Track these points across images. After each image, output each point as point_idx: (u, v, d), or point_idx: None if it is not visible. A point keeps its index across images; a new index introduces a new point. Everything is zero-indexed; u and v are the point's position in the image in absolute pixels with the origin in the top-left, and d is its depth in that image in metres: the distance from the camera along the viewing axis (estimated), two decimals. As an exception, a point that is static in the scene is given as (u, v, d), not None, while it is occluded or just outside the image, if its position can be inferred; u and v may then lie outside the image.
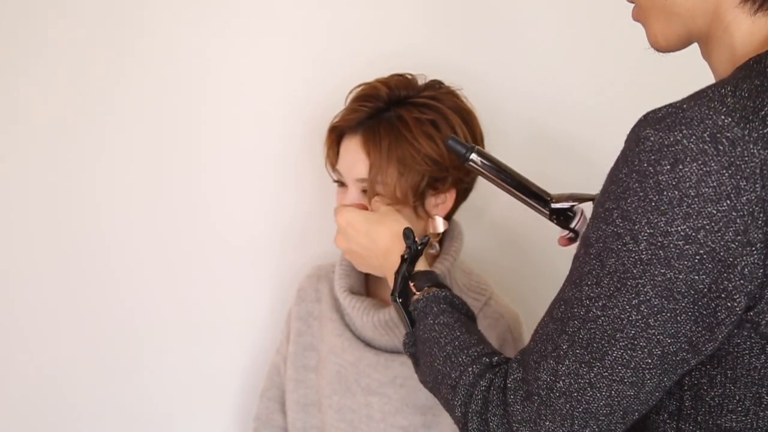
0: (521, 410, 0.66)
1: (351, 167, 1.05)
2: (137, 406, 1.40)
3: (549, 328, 0.67)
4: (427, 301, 0.82)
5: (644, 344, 0.61)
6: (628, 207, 0.60)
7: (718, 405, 0.65)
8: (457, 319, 0.80)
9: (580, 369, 0.63)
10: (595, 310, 0.63)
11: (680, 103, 0.60)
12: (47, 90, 1.30)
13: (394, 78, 1.07)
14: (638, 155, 0.60)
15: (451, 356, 0.75)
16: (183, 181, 1.33)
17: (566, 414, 0.64)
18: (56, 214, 1.34)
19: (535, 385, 0.66)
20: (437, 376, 0.76)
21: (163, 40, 1.29)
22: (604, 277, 0.62)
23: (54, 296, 1.36)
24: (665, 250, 0.59)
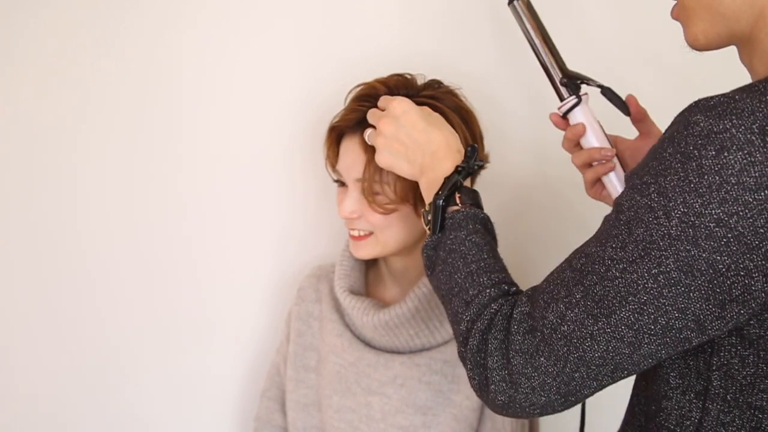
0: (521, 341, 0.70)
1: (350, 167, 1.05)
2: (137, 407, 1.41)
3: (566, 275, 0.71)
4: (466, 215, 0.83)
5: (652, 311, 0.65)
6: (666, 184, 0.63)
7: (750, 384, 0.67)
8: (488, 242, 0.82)
9: (587, 320, 0.67)
10: (615, 271, 0.66)
11: (732, 94, 0.62)
12: (28, 89, 1.30)
13: (393, 78, 1.07)
14: (686, 138, 0.62)
15: (474, 274, 0.78)
16: (183, 181, 1.34)
17: (561, 356, 0.68)
18: (55, 214, 1.34)
19: (541, 322, 0.70)
20: (453, 288, 0.79)
21: (160, 40, 1.29)
22: (629, 243, 0.65)
23: (53, 297, 1.37)
24: (695, 229, 0.61)
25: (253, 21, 1.27)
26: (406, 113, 0.92)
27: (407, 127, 0.91)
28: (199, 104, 1.31)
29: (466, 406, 1.07)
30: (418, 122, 0.91)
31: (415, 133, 0.91)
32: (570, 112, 0.95)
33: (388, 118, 0.93)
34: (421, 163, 0.90)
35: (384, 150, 0.93)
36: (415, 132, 0.91)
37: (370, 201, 1.03)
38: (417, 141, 0.90)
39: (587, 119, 0.95)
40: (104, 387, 1.39)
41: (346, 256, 1.17)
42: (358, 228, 1.08)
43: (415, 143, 0.90)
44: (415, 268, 1.13)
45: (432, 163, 0.89)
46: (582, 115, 0.95)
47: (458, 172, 0.87)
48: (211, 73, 1.30)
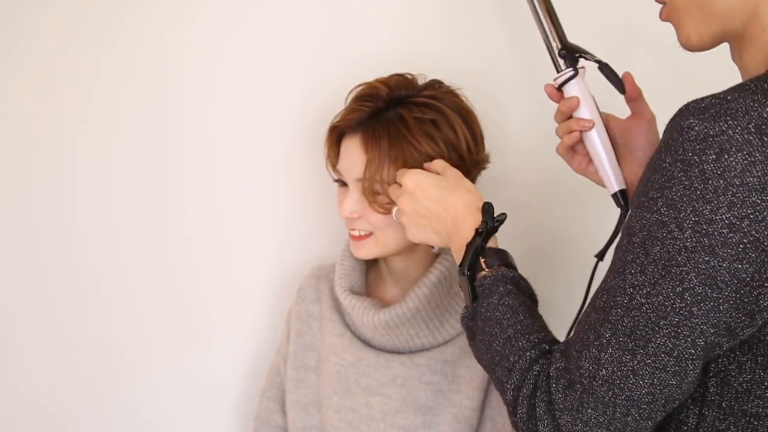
0: (563, 399, 0.67)
1: (351, 167, 1.05)
2: (137, 407, 1.40)
3: (591, 318, 0.68)
4: (495, 279, 0.81)
5: (687, 333, 0.63)
6: (673, 195, 0.62)
7: (746, 390, 0.66)
8: (522, 302, 0.79)
9: (623, 357, 0.64)
10: (639, 298, 0.64)
11: (723, 95, 0.61)
12: (29, 90, 1.30)
13: (394, 78, 1.07)
14: (682, 144, 0.61)
15: (512, 339, 0.76)
16: (183, 181, 1.33)
17: (608, 401, 0.65)
18: (53, 215, 1.34)
19: (578, 374, 0.67)
20: (494, 357, 0.77)
21: (160, 41, 1.29)
22: (648, 265, 0.63)
23: (52, 296, 1.36)
24: (710, 237, 0.60)
25: (254, 21, 1.27)
26: (418, 187, 0.91)
27: (423, 200, 0.91)
28: (199, 104, 1.30)
29: (466, 406, 1.07)
30: (433, 192, 0.90)
31: (432, 205, 0.90)
32: (565, 85, 0.94)
33: (405, 195, 0.93)
34: (447, 232, 0.90)
35: (411, 227, 0.94)
36: (431, 204, 0.90)
37: (370, 201, 1.03)
38: (436, 213, 0.90)
39: (582, 93, 0.94)
40: (104, 387, 1.39)
41: (346, 255, 1.17)
42: (358, 228, 1.08)
43: (434, 215, 0.90)
44: (415, 268, 1.13)
45: (455, 229, 0.88)
46: (577, 88, 0.94)
47: (479, 235, 0.85)
48: (211, 73, 1.29)
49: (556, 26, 0.95)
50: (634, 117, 0.95)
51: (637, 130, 0.95)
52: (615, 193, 0.94)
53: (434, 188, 0.91)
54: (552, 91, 0.96)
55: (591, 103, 0.94)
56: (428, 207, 0.90)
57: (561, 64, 0.94)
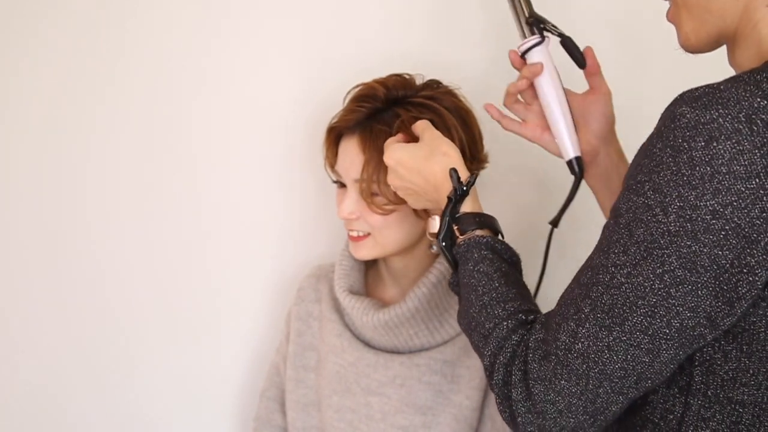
0: (537, 368, 0.69)
1: (349, 167, 1.05)
2: (137, 407, 1.41)
3: (574, 293, 0.70)
4: (468, 246, 0.82)
5: (664, 313, 0.64)
6: (660, 180, 0.63)
7: (731, 379, 0.67)
8: (498, 269, 0.80)
9: (600, 332, 0.66)
10: (620, 277, 0.65)
11: (717, 84, 0.62)
12: (38, 90, 1.31)
13: (392, 78, 1.06)
14: (673, 131, 0.62)
15: (487, 306, 0.77)
16: (183, 181, 1.34)
17: (582, 374, 0.67)
18: (49, 214, 1.35)
19: (554, 345, 0.68)
20: (471, 323, 0.79)
21: (160, 41, 1.29)
22: (631, 246, 0.65)
23: (51, 297, 1.37)
24: (693, 223, 0.61)
25: (253, 22, 1.27)
26: (399, 163, 0.91)
27: (406, 175, 0.91)
28: (197, 106, 1.31)
29: (466, 406, 1.07)
30: (412, 165, 0.90)
31: (414, 177, 0.90)
32: (529, 52, 0.95)
33: (390, 173, 0.93)
34: (435, 200, 0.90)
35: (408, 198, 0.95)
36: (413, 176, 0.90)
37: (369, 202, 1.03)
38: (419, 184, 0.90)
39: (546, 60, 0.95)
40: (105, 387, 1.40)
41: (345, 256, 1.17)
42: (356, 229, 1.07)
43: (420, 186, 0.90)
44: (414, 269, 1.13)
45: (440, 197, 0.88)
46: (541, 55, 0.95)
47: (450, 202, 0.85)
48: (210, 74, 1.30)
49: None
50: (591, 91, 0.98)
51: (594, 103, 0.97)
52: (570, 159, 0.96)
53: (412, 160, 0.90)
54: (515, 57, 0.98)
55: (553, 70, 0.96)
56: (412, 180, 0.91)
57: (527, 32, 0.96)
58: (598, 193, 1.00)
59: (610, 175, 0.98)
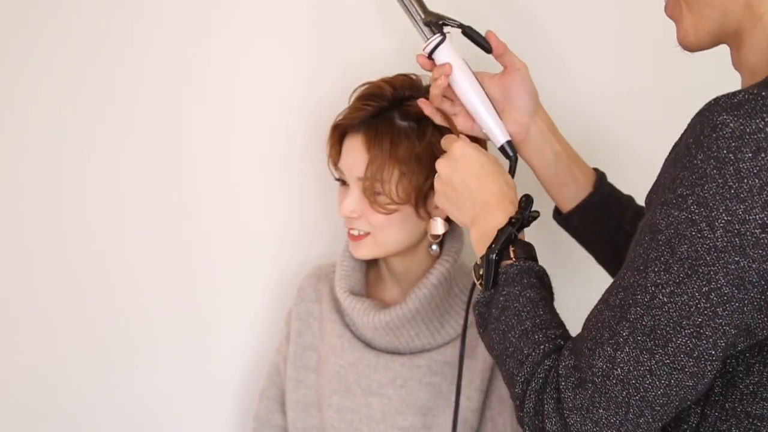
0: (572, 397, 0.65)
1: (353, 165, 1.05)
2: (136, 407, 1.40)
3: (605, 315, 0.66)
4: (521, 270, 0.78)
5: (710, 333, 0.61)
6: (705, 193, 0.60)
7: (752, 393, 0.65)
8: (543, 297, 0.77)
9: (641, 356, 0.63)
10: (662, 297, 0.62)
11: (757, 90, 0.60)
12: (42, 91, 1.30)
13: (399, 78, 1.07)
14: (716, 141, 0.59)
15: (529, 332, 0.73)
16: (183, 180, 1.33)
17: (621, 401, 0.63)
18: (52, 213, 1.34)
19: (590, 372, 0.65)
20: (507, 347, 0.75)
21: (163, 40, 1.29)
22: (674, 264, 0.62)
23: (50, 297, 1.36)
24: (742, 238, 0.59)
25: (256, 20, 1.27)
26: (464, 157, 0.88)
27: (462, 172, 0.88)
28: (200, 104, 1.30)
29: (467, 408, 1.07)
30: (474, 168, 0.87)
31: (469, 180, 0.87)
32: (435, 51, 0.96)
33: (447, 159, 0.90)
34: (471, 213, 0.87)
35: (440, 192, 0.91)
36: (469, 178, 0.87)
37: (371, 201, 1.03)
38: (469, 188, 0.87)
39: (452, 57, 0.95)
40: (105, 386, 1.39)
41: (346, 256, 1.17)
42: (357, 228, 1.07)
43: (468, 190, 0.87)
44: (415, 269, 1.13)
45: (483, 214, 0.85)
46: (447, 53, 0.95)
47: (512, 224, 0.81)
48: (213, 73, 1.30)
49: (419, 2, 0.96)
50: (506, 71, 0.98)
51: (512, 81, 0.97)
52: (501, 145, 0.97)
53: (479, 167, 0.87)
54: (424, 60, 0.97)
55: (462, 64, 0.96)
56: (464, 180, 0.87)
57: (426, 33, 0.96)
58: (535, 167, 1.00)
59: (543, 148, 0.98)
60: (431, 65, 0.97)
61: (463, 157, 0.88)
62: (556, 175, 0.99)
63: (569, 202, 1.01)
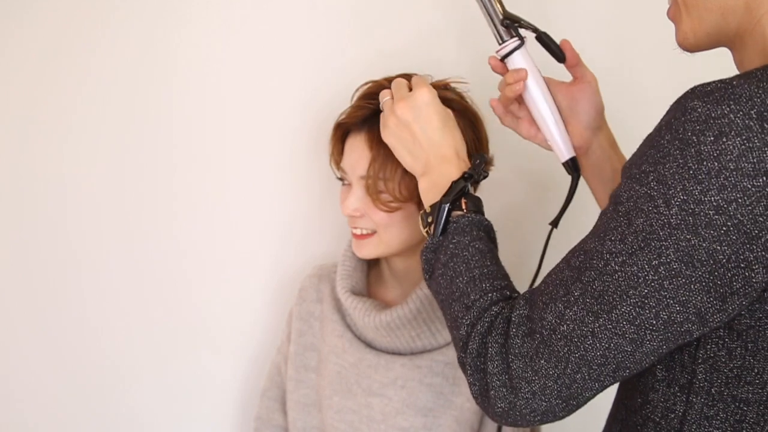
0: (520, 344, 0.69)
1: (355, 164, 1.05)
2: (137, 407, 1.40)
3: (564, 275, 0.70)
4: (471, 221, 0.82)
5: (653, 304, 0.63)
6: (666, 172, 0.62)
7: (736, 377, 0.67)
8: (491, 250, 0.81)
9: (587, 317, 0.66)
10: (614, 265, 0.65)
11: (730, 80, 0.62)
12: (42, 89, 1.31)
13: (401, 77, 1.07)
14: (683, 124, 0.62)
15: (476, 279, 0.77)
16: (184, 180, 1.34)
17: (562, 356, 0.66)
18: (55, 213, 1.35)
19: (540, 324, 0.68)
20: (454, 292, 0.78)
21: (167, 39, 1.29)
22: (629, 235, 0.64)
23: (50, 296, 1.36)
24: (695, 217, 0.61)
25: (259, 18, 1.28)
26: (428, 106, 0.90)
27: (424, 120, 0.89)
28: (205, 102, 1.31)
29: (467, 408, 1.07)
30: (437, 120, 0.89)
31: (430, 130, 0.89)
32: (509, 56, 0.94)
33: (409, 102, 0.90)
34: (425, 161, 0.89)
35: (393, 132, 0.92)
36: (430, 128, 0.89)
37: (374, 199, 1.03)
38: (429, 138, 0.89)
39: (528, 63, 0.94)
40: (103, 386, 1.39)
41: (348, 256, 1.17)
42: (360, 227, 1.07)
43: (427, 140, 0.89)
44: (417, 270, 1.13)
45: (439, 166, 0.88)
46: (522, 58, 0.94)
47: (465, 179, 0.85)
48: (217, 72, 1.30)
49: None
50: (576, 81, 0.97)
51: (581, 93, 0.96)
52: (566, 161, 0.96)
53: (440, 118, 0.89)
54: (496, 63, 0.96)
55: (537, 72, 0.95)
56: (425, 129, 0.89)
57: (504, 35, 0.94)
58: (592, 183, 1.00)
59: (602, 165, 0.98)
60: (503, 68, 0.96)
61: (427, 106, 0.90)
62: None
63: None
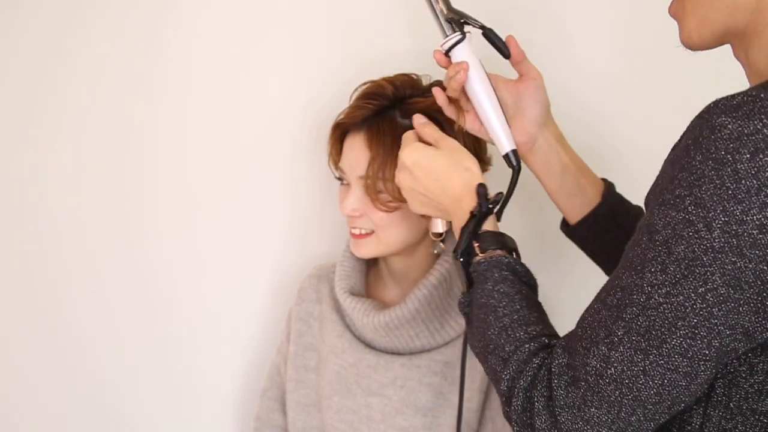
0: (564, 395, 0.66)
1: (354, 164, 1.05)
2: (136, 407, 1.40)
3: (601, 315, 0.66)
4: (489, 264, 0.78)
5: (704, 334, 0.61)
6: (703, 194, 0.60)
7: (756, 392, 0.65)
8: (519, 291, 0.77)
9: (635, 356, 0.63)
10: (658, 297, 0.62)
11: (756, 92, 0.60)
12: (44, 88, 1.30)
13: (400, 77, 1.07)
14: (715, 143, 0.59)
15: (508, 329, 0.74)
16: (184, 179, 1.33)
17: (614, 401, 0.64)
18: (55, 213, 1.34)
19: (583, 371, 0.65)
20: (488, 345, 0.75)
21: (168, 39, 1.29)
22: (670, 264, 0.62)
23: (50, 296, 1.36)
24: (739, 238, 0.59)
25: (258, 18, 1.28)
26: (416, 165, 0.88)
27: (422, 179, 0.88)
28: (204, 103, 1.31)
29: (467, 408, 1.07)
30: (431, 170, 0.88)
31: (431, 185, 0.87)
32: (453, 49, 0.95)
33: (403, 171, 0.90)
34: (446, 209, 0.87)
35: (412, 201, 0.92)
36: (430, 183, 0.88)
37: (373, 199, 1.03)
38: (434, 193, 0.87)
39: (469, 57, 0.94)
40: (103, 386, 1.39)
41: (347, 256, 1.17)
42: (359, 226, 1.07)
43: (434, 194, 0.88)
44: (415, 269, 1.13)
45: (455, 210, 0.86)
46: (465, 52, 0.94)
47: (472, 218, 0.82)
48: (216, 72, 1.30)
49: None
50: (522, 78, 0.97)
51: (526, 89, 0.96)
52: (506, 153, 0.95)
53: (432, 166, 0.88)
54: (440, 57, 0.96)
55: (478, 66, 0.95)
56: (427, 186, 0.88)
57: (447, 29, 0.95)
58: (541, 177, 0.99)
59: (550, 158, 0.97)
60: (447, 62, 0.96)
61: (414, 164, 0.89)
62: (563, 186, 0.99)
63: (577, 213, 1.00)
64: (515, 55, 0.95)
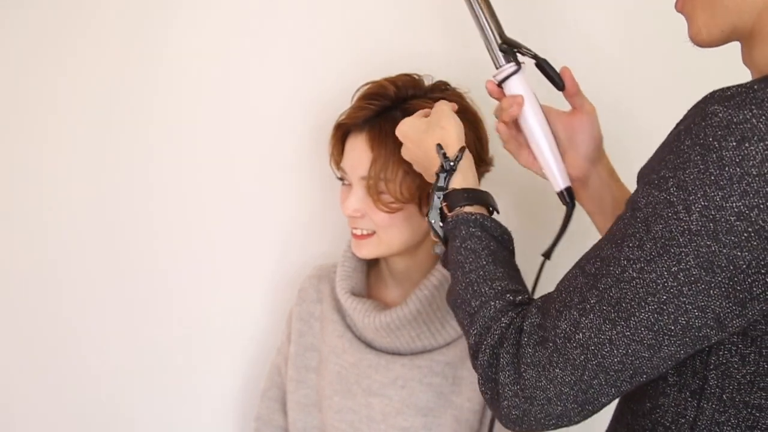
0: (532, 353, 0.68)
1: (356, 165, 1.05)
2: (137, 407, 1.40)
3: (578, 281, 0.69)
4: (456, 222, 0.80)
5: (672, 310, 0.63)
6: (686, 177, 0.61)
7: (749, 383, 0.66)
8: (486, 246, 0.79)
9: (604, 325, 0.65)
10: (632, 272, 0.64)
11: (751, 84, 0.61)
12: (45, 88, 1.30)
13: (402, 77, 1.07)
14: (704, 129, 0.61)
15: (474, 284, 0.76)
16: (185, 180, 1.33)
17: (578, 364, 0.66)
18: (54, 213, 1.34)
19: (553, 332, 0.68)
20: (456, 300, 0.78)
21: (172, 40, 1.29)
22: (647, 241, 0.63)
23: (51, 296, 1.36)
24: (716, 223, 0.60)
25: (260, 20, 1.28)
26: (405, 136, 0.92)
27: (412, 147, 0.92)
28: (206, 104, 1.31)
29: (467, 408, 1.07)
30: (413, 137, 0.91)
31: (418, 151, 0.90)
32: (506, 81, 0.93)
33: (403, 146, 0.94)
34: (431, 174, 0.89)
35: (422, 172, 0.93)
36: (417, 149, 0.90)
37: (375, 199, 1.03)
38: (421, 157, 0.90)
39: (525, 90, 0.92)
40: (103, 386, 1.39)
41: (347, 256, 1.17)
42: (361, 227, 1.07)
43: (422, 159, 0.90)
44: (416, 270, 1.13)
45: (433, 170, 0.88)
46: (520, 84, 0.93)
47: (437, 177, 0.84)
48: (218, 73, 1.30)
49: (494, 20, 0.94)
50: (574, 112, 0.95)
51: (579, 124, 0.94)
52: (560, 191, 0.94)
53: (413, 133, 0.91)
54: (493, 87, 0.95)
55: (534, 100, 0.93)
56: (416, 153, 0.91)
57: (501, 59, 0.93)
58: (593, 214, 0.98)
59: (602, 195, 0.96)
60: (499, 93, 0.95)
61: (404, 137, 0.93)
62: None
63: None
64: (570, 87, 0.93)
